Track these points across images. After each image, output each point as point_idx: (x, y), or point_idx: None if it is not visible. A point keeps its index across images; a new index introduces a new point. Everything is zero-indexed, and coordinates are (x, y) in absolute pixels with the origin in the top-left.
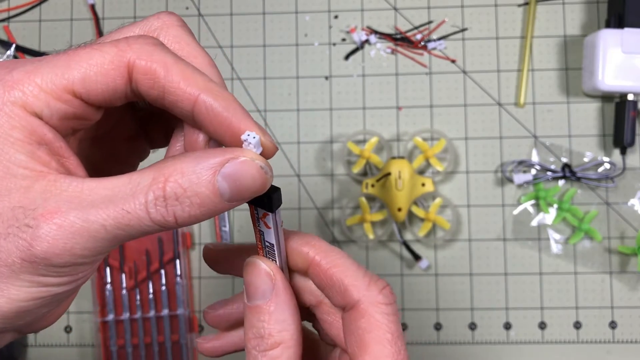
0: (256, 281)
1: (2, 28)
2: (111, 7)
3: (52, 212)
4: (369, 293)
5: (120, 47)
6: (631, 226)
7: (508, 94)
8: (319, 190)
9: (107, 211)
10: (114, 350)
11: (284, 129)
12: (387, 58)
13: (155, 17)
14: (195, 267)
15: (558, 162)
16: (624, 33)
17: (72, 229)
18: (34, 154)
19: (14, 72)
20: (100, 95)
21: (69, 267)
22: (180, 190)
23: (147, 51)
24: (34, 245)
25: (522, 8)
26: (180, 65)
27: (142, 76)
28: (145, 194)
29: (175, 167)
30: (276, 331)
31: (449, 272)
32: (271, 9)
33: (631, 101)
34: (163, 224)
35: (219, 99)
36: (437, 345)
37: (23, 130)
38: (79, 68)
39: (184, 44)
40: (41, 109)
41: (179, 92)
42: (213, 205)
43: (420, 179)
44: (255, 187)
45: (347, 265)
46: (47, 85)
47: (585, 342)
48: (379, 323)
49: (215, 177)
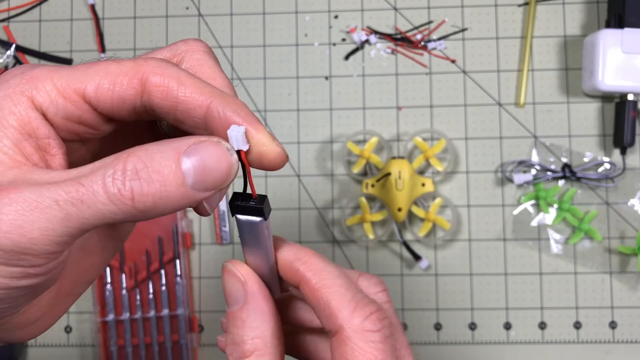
0: (230, 287)
1: (2, 28)
2: (111, 7)
3: (8, 189)
4: (352, 320)
5: (138, 62)
6: (631, 226)
7: (508, 94)
8: (319, 190)
9: (62, 186)
10: (114, 350)
11: (284, 129)
12: (387, 58)
13: (183, 42)
14: (195, 267)
15: (558, 162)
16: (624, 33)
17: (24, 204)
18: (20, 144)
19: (35, 69)
20: (108, 104)
21: (20, 252)
22: (141, 165)
23: (162, 67)
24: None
25: (522, 8)
26: (193, 79)
27: (155, 88)
28: (105, 169)
29: (141, 146)
30: (249, 338)
31: (449, 272)
32: (271, 9)
33: (631, 101)
34: (118, 200)
35: (231, 104)
36: (437, 345)
37: (18, 119)
38: (95, 75)
39: (205, 67)
40: (47, 106)
41: (191, 100)
42: (174, 187)
43: (420, 179)
44: (220, 171)
45: (336, 286)
46: (61, 85)
47: (585, 342)
48: (362, 351)
49: (179, 157)
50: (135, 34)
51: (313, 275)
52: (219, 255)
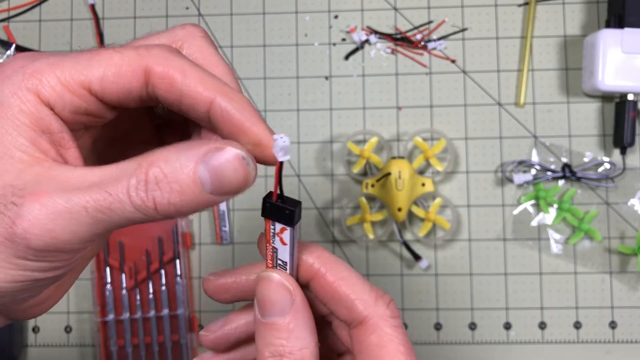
0: (273, 296)
1: (2, 28)
2: (111, 7)
3: (39, 193)
4: (377, 308)
5: (140, 52)
6: (631, 226)
7: (508, 94)
8: (319, 190)
9: (90, 193)
10: (114, 350)
11: (284, 129)
12: (387, 58)
13: (180, 27)
14: (195, 267)
15: (558, 162)
16: (624, 33)
17: (54, 209)
18: (35, 140)
19: (36, 62)
20: (114, 95)
21: (50, 251)
22: (161, 176)
23: (165, 58)
24: (16, 224)
25: (522, 8)
26: (197, 71)
27: (160, 80)
28: (129, 178)
29: (161, 154)
30: (297, 349)
31: (449, 272)
32: (271, 9)
33: (631, 101)
34: (143, 209)
35: (234, 101)
36: (437, 345)
37: (30, 116)
38: (99, 67)
39: (206, 53)
40: (55, 100)
41: (195, 95)
42: (193, 195)
43: (420, 179)
44: (238, 180)
45: (352, 279)
46: (65, 79)
47: (585, 342)
48: (391, 337)
49: (197, 166)
50: (135, 34)
51: (329, 268)
52: (219, 255)
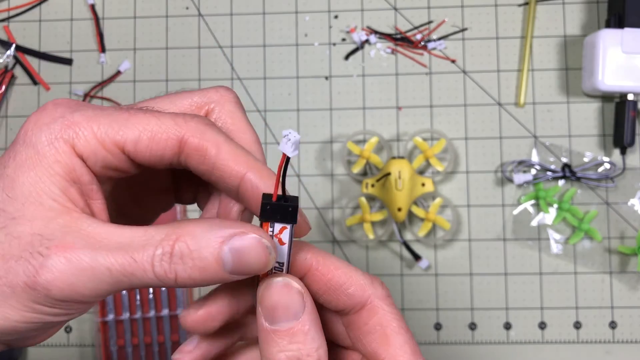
0: (287, 301)
1: (2, 28)
2: (111, 7)
3: (65, 246)
4: (375, 290)
5: (178, 122)
6: (631, 226)
7: (508, 94)
8: (319, 190)
9: (116, 256)
10: (114, 350)
11: (284, 129)
12: (387, 58)
13: (214, 89)
14: None
15: (558, 162)
16: (624, 33)
17: (79, 266)
18: (67, 190)
19: (75, 114)
20: (147, 159)
21: (67, 302)
22: (186, 251)
23: (201, 130)
24: (40, 274)
25: (522, 8)
26: (230, 145)
27: (194, 152)
28: (155, 247)
29: (189, 229)
30: (314, 350)
31: (449, 272)
32: (271, 9)
33: (631, 101)
34: (164, 279)
35: (264, 178)
36: (437, 345)
37: (64, 167)
38: (135, 130)
39: (236, 119)
40: (88, 154)
41: (227, 169)
42: (214, 273)
43: (420, 179)
44: (257, 266)
45: (345, 267)
46: (101, 135)
47: (585, 342)
48: (392, 315)
49: (222, 247)
50: (135, 34)
51: (322, 261)
52: None
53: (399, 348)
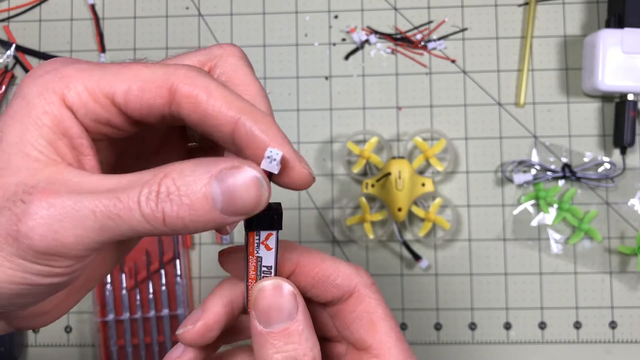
0: (280, 303)
1: (2, 28)
2: (111, 7)
3: (48, 192)
4: (361, 279)
5: (168, 70)
6: (631, 226)
7: (508, 94)
8: (319, 190)
9: (101, 198)
10: (114, 350)
11: (284, 129)
12: (387, 58)
13: (218, 46)
14: (195, 267)
15: (558, 162)
16: (624, 33)
17: (62, 210)
18: (54, 143)
19: (68, 67)
20: (137, 109)
21: (51, 255)
22: (173, 188)
23: (191, 77)
24: (22, 221)
25: (522, 8)
26: (222, 90)
27: (185, 99)
28: (142, 186)
29: (176, 167)
30: (309, 349)
31: (449, 272)
32: (271, 9)
33: (631, 101)
34: (151, 219)
35: (259, 122)
36: (437, 345)
37: (52, 118)
38: (125, 80)
39: (240, 72)
40: (78, 106)
41: (220, 115)
42: (204, 212)
43: (420, 179)
44: (250, 200)
45: (330, 259)
46: (91, 87)
47: (585, 342)
48: (377, 302)
49: (210, 182)
50: (135, 34)
51: (306, 257)
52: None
53: (385, 334)
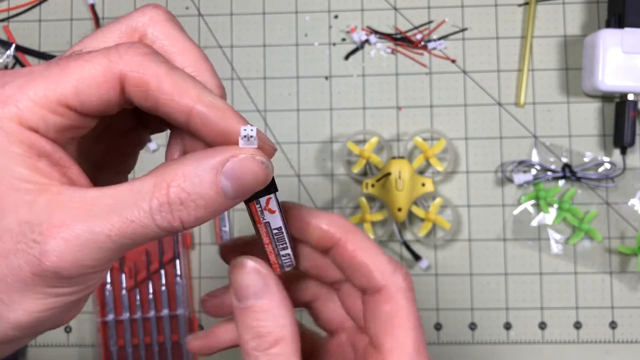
0: (245, 281)
1: (2, 28)
2: (111, 7)
3: (57, 226)
4: (394, 279)
5: (111, 58)
6: (631, 226)
7: (508, 94)
8: (319, 190)
9: (111, 221)
10: (114, 350)
11: (284, 129)
12: (387, 58)
13: (140, 12)
14: (195, 267)
15: (558, 162)
16: (624, 33)
17: (79, 242)
18: (35, 167)
19: (6, 88)
20: (94, 107)
21: (79, 277)
22: (184, 195)
23: (138, 62)
24: (43, 261)
25: (522, 8)
26: (173, 76)
27: (134, 88)
28: (149, 201)
29: (177, 171)
30: (277, 327)
31: (449, 272)
32: (271, 9)
33: (631, 101)
34: (170, 229)
35: (214, 109)
36: (437, 345)
37: (21, 145)
38: (72, 81)
39: (173, 39)
40: (37, 123)
41: (172, 104)
42: (218, 205)
43: (420, 179)
44: (258, 183)
45: (372, 249)
46: (40, 99)
47: (585, 342)
48: (404, 308)
49: (217, 177)
50: None
51: (349, 238)
52: (218, 255)
53: (400, 341)
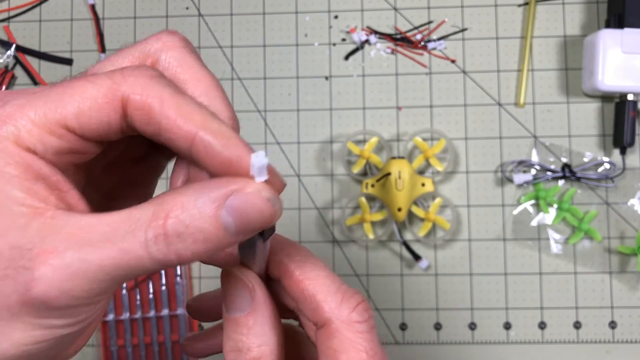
0: (234, 292)
1: (2, 28)
2: (111, 7)
3: (48, 252)
4: (340, 311)
5: (115, 79)
6: (631, 226)
7: (508, 94)
8: (319, 190)
9: (105, 250)
10: (114, 350)
11: (284, 129)
12: (387, 58)
13: (155, 38)
14: (195, 267)
15: (558, 162)
16: (624, 33)
17: (69, 271)
18: (31, 190)
19: (6, 107)
20: (95, 131)
21: (70, 308)
22: (181, 227)
23: (142, 84)
24: (30, 288)
25: (522, 8)
26: (177, 100)
27: (137, 112)
28: (145, 231)
29: (176, 201)
30: (255, 345)
31: (449, 272)
32: (271, 9)
33: (631, 101)
34: (164, 262)
35: (219, 137)
36: (437, 345)
37: (18, 167)
38: (73, 102)
39: (186, 66)
40: (34, 144)
41: (175, 129)
42: (218, 241)
43: (420, 179)
44: (264, 221)
45: (320, 278)
46: (40, 120)
47: (585, 342)
48: (352, 342)
49: (218, 212)
50: (135, 34)
51: (297, 266)
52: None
53: None
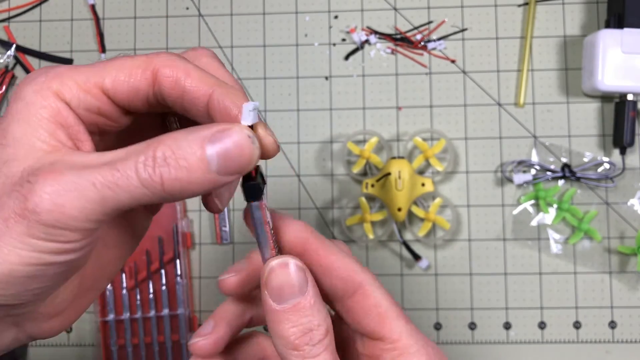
0: (291, 279)
1: (2, 28)
2: (111, 7)
3: (52, 172)
4: (365, 275)
5: (150, 56)
6: (631, 226)
7: (508, 94)
8: (319, 190)
9: (99, 170)
10: (114, 350)
11: (284, 129)
12: (387, 58)
13: (192, 50)
14: (195, 267)
15: (558, 162)
16: (624, 33)
17: (65, 185)
18: (54, 133)
19: (58, 68)
20: (125, 94)
21: (59, 228)
22: (169, 153)
23: (171, 60)
24: (28, 199)
25: (522, 8)
26: (199, 71)
27: (165, 79)
28: (137, 155)
29: (169, 135)
30: (323, 319)
31: (449, 272)
32: (271, 9)
33: (631, 101)
34: (149, 184)
35: (230, 95)
36: (437, 345)
37: (50, 111)
38: (112, 70)
39: (212, 67)
40: (70, 98)
41: (195, 90)
42: (200, 172)
43: (420, 179)
44: (243, 157)
45: (339, 252)
46: (82, 81)
47: (585, 342)
48: (383, 296)
49: (204, 145)
50: (135, 34)
51: (320, 245)
52: (219, 255)
53: (394, 322)
